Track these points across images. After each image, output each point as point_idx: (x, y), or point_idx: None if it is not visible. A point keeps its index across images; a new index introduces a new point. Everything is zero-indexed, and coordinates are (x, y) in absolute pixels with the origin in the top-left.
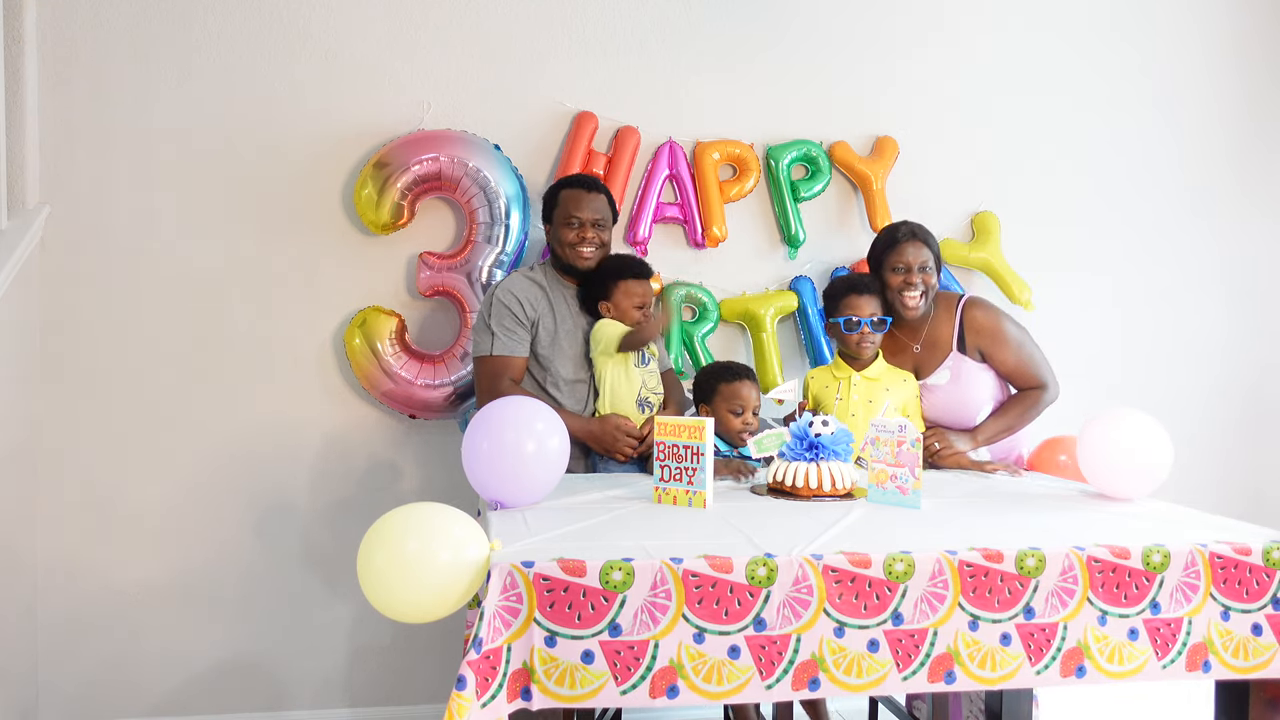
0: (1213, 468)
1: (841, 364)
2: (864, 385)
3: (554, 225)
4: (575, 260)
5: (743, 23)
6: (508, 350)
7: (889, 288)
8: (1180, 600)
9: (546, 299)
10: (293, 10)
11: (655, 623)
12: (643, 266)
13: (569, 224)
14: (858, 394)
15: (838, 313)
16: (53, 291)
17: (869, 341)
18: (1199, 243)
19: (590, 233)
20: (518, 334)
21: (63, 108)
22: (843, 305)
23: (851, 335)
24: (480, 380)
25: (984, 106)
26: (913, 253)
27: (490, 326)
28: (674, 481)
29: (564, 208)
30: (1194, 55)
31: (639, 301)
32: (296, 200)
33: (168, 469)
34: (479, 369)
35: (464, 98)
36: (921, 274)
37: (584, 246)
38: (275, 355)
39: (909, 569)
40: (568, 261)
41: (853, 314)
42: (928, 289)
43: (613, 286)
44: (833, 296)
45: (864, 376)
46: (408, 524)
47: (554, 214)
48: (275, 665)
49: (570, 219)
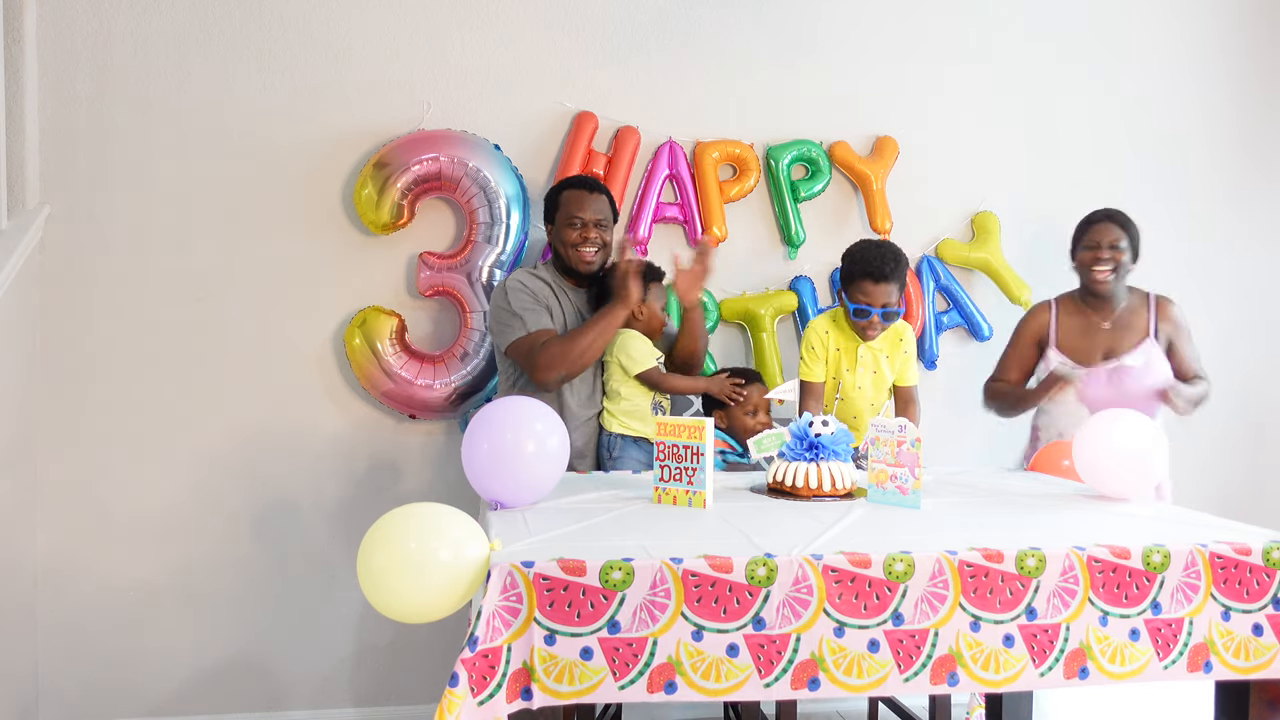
0: (1212, 468)
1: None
2: (869, 355)
3: (556, 226)
4: (577, 262)
5: (743, 22)
6: (538, 324)
7: (1081, 265)
8: (1181, 600)
9: (554, 295)
10: (293, 11)
11: (654, 620)
12: (652, 270)
13: (571, 224)
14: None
15: (850, 295)
16: (53, 291)
17: (876, 330)
18: (1198, 242)
19: (593, 233)
20: (539, 311)
21: (63, 108)
22: (855, 290)
23: (859, 321)
24: (523, 361)
25: (984, 106)
26: (1106, 231)
27: (514, 310)
28: (674, 481)
29: (566, 208)
30: (1194, 56)
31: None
32: (296, 200)
33: (167, 469)
34: (517, 351)
35: (464, 98)
36: (1112, 251)
37: (586, 247)
38: (275, 355)
39: (909, 569)
40: (570, 263)
41: (866, 302)
42: (1118, 266)
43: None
44: (849, 274)
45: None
46: (408, 524)
47: (556, 215)
48: (275, 665)
49: (573, 219)
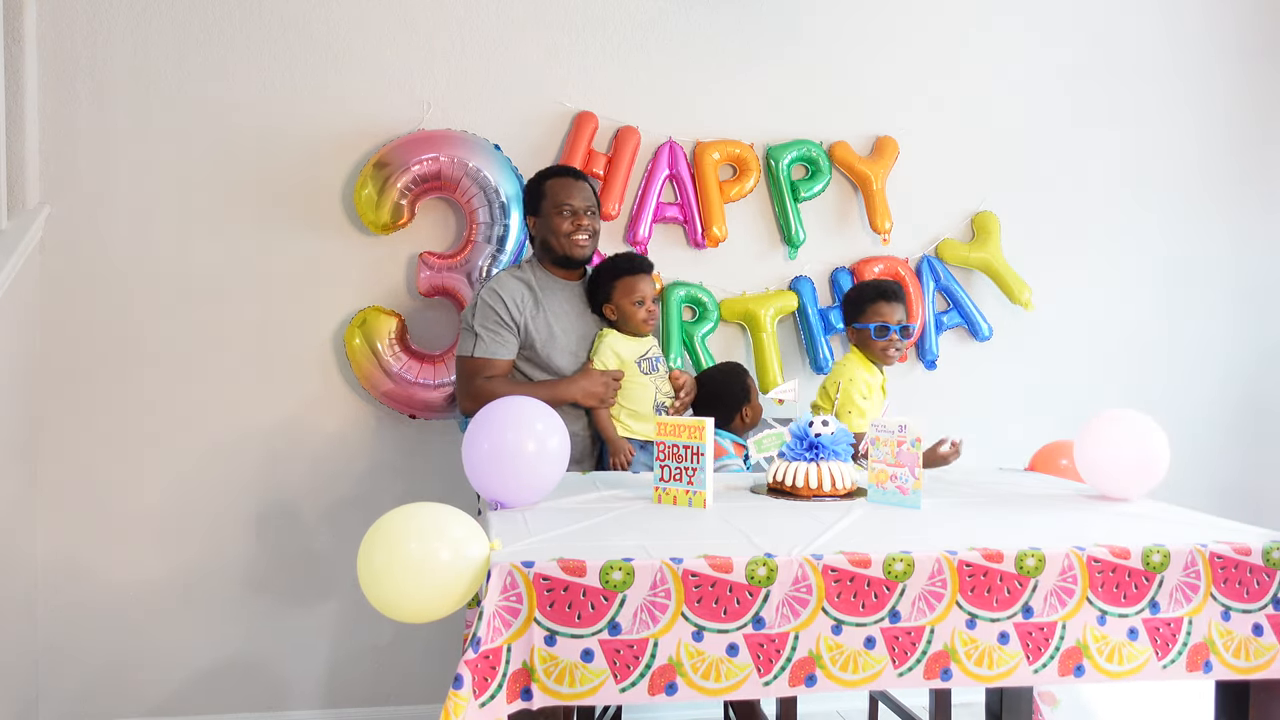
0: (1212, 468)
1: (871, 366)
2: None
3: (543, 216)
4: (571, 249)
5: (743, 22)
6: (488, 353)
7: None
8: (1180, 600)
9: (534, 298)
10: (293, 10)
11: (655, 621)
12: (637, 262)
13: (561, 212)
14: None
15: (864, 318)
16: (53, 291)
17: (896, 348)
18: (1198, 243)
19: (585, 220)
20: (501, 335)
21: (63, 108)
22: (871, 311)
23: (879, 342)
24: (459, 378)
25: (984, 106)
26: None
27: (474, 327)
28: (674, 481)
29: (554, 197)
30: (1193, 56)
31: (638, 297)
32: (296, 200)
33: (168, 469)
34: (459, 367)
35: (464, 98)
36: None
37: (579, 234)
38: (275, 355)
39: (908, 569)
40: (563, 251)
41: (884, 320)
42: None
43: (611, 287)
44: (858, 302)
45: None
46: (408, 524)
47: (541, 205)
48: (275, 665)
49: (562, 207)
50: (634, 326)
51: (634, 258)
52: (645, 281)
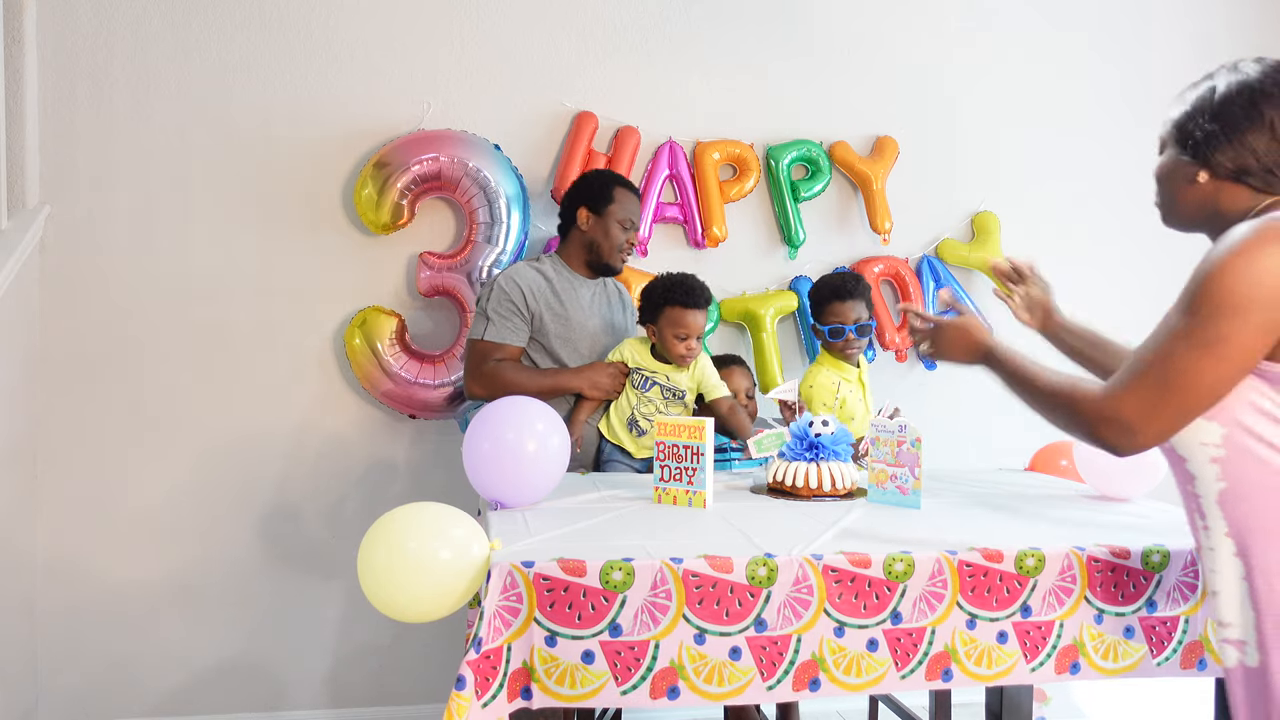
0: None
1: (840, 364)
2: (857, 385)
3: (603, 219)
4: (616, 262)
5: (743, 22)
6: (499, 337)
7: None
8: (1177, 599)
9: (551, 290)
10: (293, 10)
11: (656, 623)
12: (694, 296)
13: (624, 226)
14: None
15: (823, 319)
16: (53, 291)
17: (854, 348)
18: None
19: (634, 239)
20: (513, 322)
21: (63, 108)
22: (828, 312)
23: (836, 343)
24: (468, 360)
25: (984, 106)
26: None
27: (487, 311)
28: (674, 481)
29: (624, 209)
30: (1193, 56)
31: (682, 331)
32: (296, 200)
33: (168, 469)
34: (469, 350)
35: (464, 98)
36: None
37: (627, 253)
38: (275, 355)
39: (909, 569)
40: (606, 260)
41: (837, 321)
42: None
43: (659, 311)
44: (817, 302)
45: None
46: (408, 524)
47: (607, 209)
48: (275, 665)
49: (627, 222)
50: (669, 357)
51: (692, 289)
52: (695, 317)
